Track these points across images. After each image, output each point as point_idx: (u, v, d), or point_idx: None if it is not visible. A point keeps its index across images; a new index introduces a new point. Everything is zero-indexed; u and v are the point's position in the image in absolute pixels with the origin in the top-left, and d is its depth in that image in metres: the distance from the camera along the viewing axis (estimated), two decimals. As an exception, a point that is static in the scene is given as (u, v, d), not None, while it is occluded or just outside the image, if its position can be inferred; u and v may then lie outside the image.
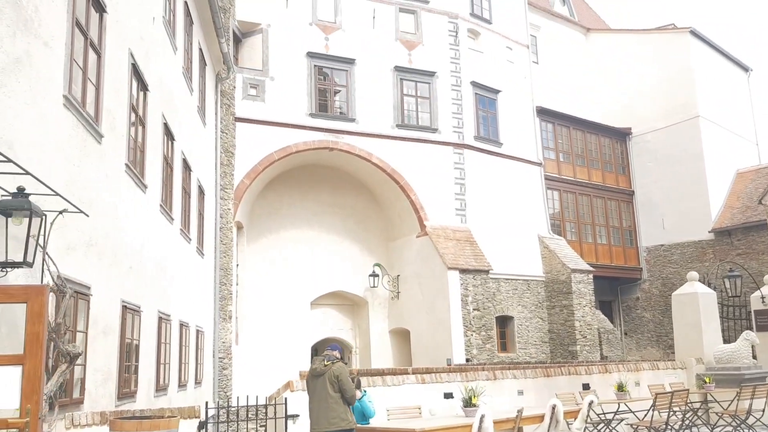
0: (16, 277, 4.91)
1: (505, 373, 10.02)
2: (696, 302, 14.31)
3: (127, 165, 8.07)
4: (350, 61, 21.20)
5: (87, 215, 5.76)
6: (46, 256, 5.20)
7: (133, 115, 8.52)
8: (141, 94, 9.01)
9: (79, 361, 6.31)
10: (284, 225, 21.56)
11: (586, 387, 11.05)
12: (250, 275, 20.35)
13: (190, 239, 13.06)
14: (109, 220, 7.26)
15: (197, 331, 13.89)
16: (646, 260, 28.18)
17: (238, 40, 20.24)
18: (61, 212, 5.18)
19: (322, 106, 20.73)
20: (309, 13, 20.93)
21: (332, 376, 7.04)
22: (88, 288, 6.52)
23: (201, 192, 14.73)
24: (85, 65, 6.53)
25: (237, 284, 19.05)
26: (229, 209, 18.03)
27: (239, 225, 19.50)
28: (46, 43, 5.47)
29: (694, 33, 28.25)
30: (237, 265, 19.03)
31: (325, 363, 7.11)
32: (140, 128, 8.95)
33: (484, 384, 9.15)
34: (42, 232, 4.81)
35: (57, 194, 5.03)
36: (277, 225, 21.46)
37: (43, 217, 5.24)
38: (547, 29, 29.30)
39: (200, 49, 15.03)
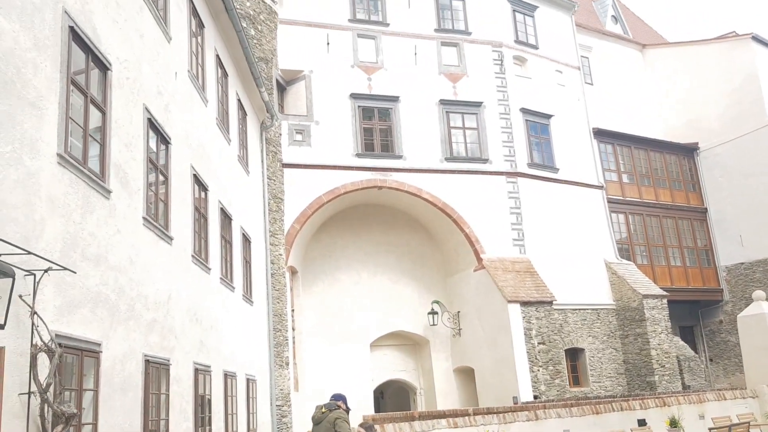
0: (2, 339, 4.86)
1: (548, 413, 9.30)
2: (764, 323, 13.15)
3: (145, 218, 8.09)
4: (394, 99, 21.17)
5: (74, 272, 5.72)
6: (35, 316, 5.15)
7: (152, 169, 8.59)
8: (162, 147, 9.10)
9: (88, 419, 6.23)
10: (339, 267, 21.45)
11: (641, 423, 10.15)
12: (306, 320, 20.26)
13: (234, 288, 13.05)
14: (122, 274, 7.24)
15: (248, 380, 13.78)
16: (726, 280, 26.47)
17: (282, 89, 20.58)
18: (46, 271, 5.14)
19: (368, 145, 20.69)
20: (350, 56, 21.11)
21: (329, 422, 7.28)
22: (98, 344, 6.46)
23: (246, 240, 14.79)
24: (86, 123, 6.59)
25: (293, 330, 18.97)
26: (281, 255, 18.08)
27: (293, 270, 19.51)
28: (32, 103, 5.52)
29: (756, 38, 26.86)
30: (292, 310, 18.99)
31: (323, 410, 7.38)
32: (162, 181, 9.01)
33: (523, 425, 8.52)
34: (23, 293, 4.75)
35: (29, 253, 4.98)
36: (332, 267, 21.37)
37: (32, 276, 5.22)
38: (599, 49, 28.57)
39: (238, 100, 15.27)
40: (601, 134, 25.30)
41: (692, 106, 28.10)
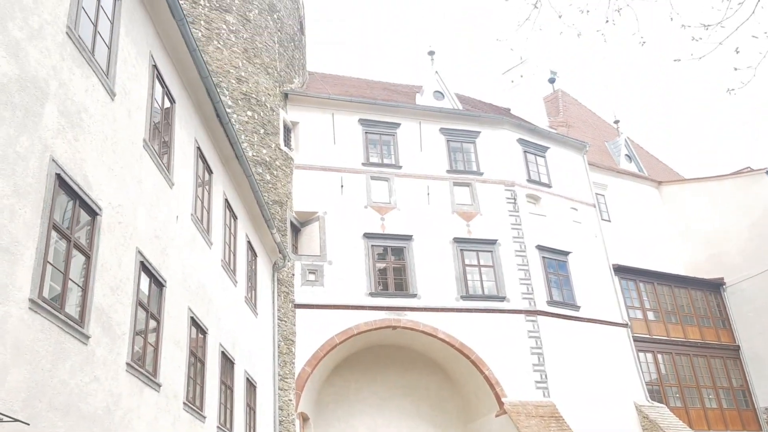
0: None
1: None
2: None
3: (130, 364, 7.84)
4: (407, 238, 21.24)
5: (27, 424, 5.41)
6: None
7: (142, 312, 8.45)
8: (156, 290, 9.02)
9: None
10: (353, 413, 20.54)
11: None
12: (318, 471, 19.13)
13: (233, 437, 12.43)
14: (97, 425, 6.88)
15: None
16: (767, 422, 24.71)
17: (296, 230, 20.83)
18: (-3, 423, 4.86)
19: (382, 284, 20.52)
20: (364, 197, 21.49)
21: None
22: (59, 504, 6.00)
23: (251, 384, 14.31)
24: (67, 267, 6.56)
25: (303, 482, 17.87)
26: (291, 400, 17.42)
27: (304, 416, 18.70)
28: (5, 249, 5.51)
29: (771, 173, 26.91)
30: (302, 460, 18.00)
31: None
32: (153, 325, 8.84)
33: None
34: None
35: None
36: (346, 413, 20.48)
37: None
38: (615, 186, 28.78)
39: (248, 242, 15.41)
40: (621, 271, 24.86)
41: (713, 240, 27.72)
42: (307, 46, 26.76)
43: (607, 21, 7.79)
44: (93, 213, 7.21)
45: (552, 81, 35.21)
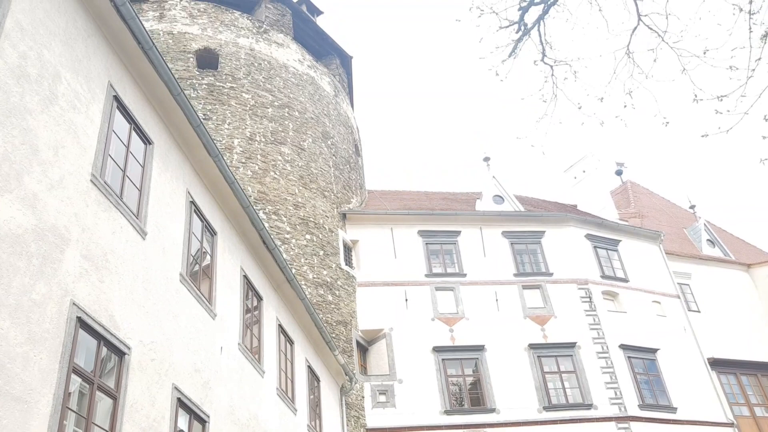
0: None
1: None
2: None
3: None
4: (479, 348, 20.42)
5: None
6: None
7: (181, 451, 8.22)
8: (196, 426, 8.81)
9: None
10: None
11: None
12: None
13: None
14: None
15: None
16: None
17: (364, 349, 20.45)
18: None
19: (457, 400, 19.58)
20: (430, 310, 21.03)
21: None
22: None
23: None
24: (89, 412, 6.47)
25: None
26: None
27: None
28: (17, 398, 5.49)
29: None
30: None
31: None
32: (195, 463, 8.57)
33: None
34: None
35: None
36: None
37: None
38: (700, 274, 27.07)
39: (309, 366, 15.13)
40: (718, 364, 22.88)
41: (821, 322, 25.32)
42: (365, 166, 27.46)
43: (625, 106, 7.53)
44: (120, 352, 7.20)
45: (619, 173, 34.47)
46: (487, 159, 26.92)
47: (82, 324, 6.59)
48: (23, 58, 6.39)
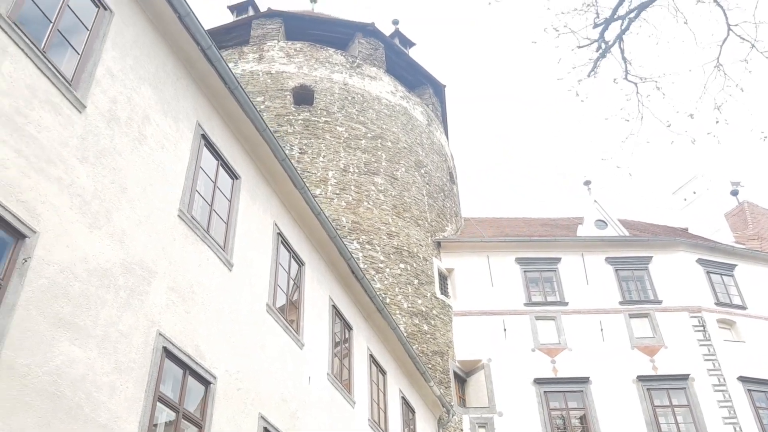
0: None
1: None
2: None
3: None
4: (584, 380, 19.51)
5: None
6: None
7: (267, 481, 8.30)
8: (284, 457, 8.89)
9: None
10: None
11: None
12: None
13: None
14: None
15: None
16: None
17: (462, 380, 20.06)
18: None
19: (560, 435, 18.75)
20: (530, 340, 20.39)
21: None
22: None
23: None
24: (174, 439, 6.67)
25: None
26: None
27: None
28: (103, 425, 5.74)
29: None
30: None
31: None
32: (282, 493, 8.63)
33: None
34: None
35: None
36: None
37: None
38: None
39: (402, 397, 15.00)
40: None
41: None
42: (460, 193, 27.28)
43: (717, 122, 7.05)
44: (205, 382, 7.41)
45: (735, 193, 32.30)
46: (587, 183, 26.02)
47: (168, 354, 6.85)
48: (113, 103, 6.82)
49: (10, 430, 4.78)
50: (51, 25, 6.19)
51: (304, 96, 22.26)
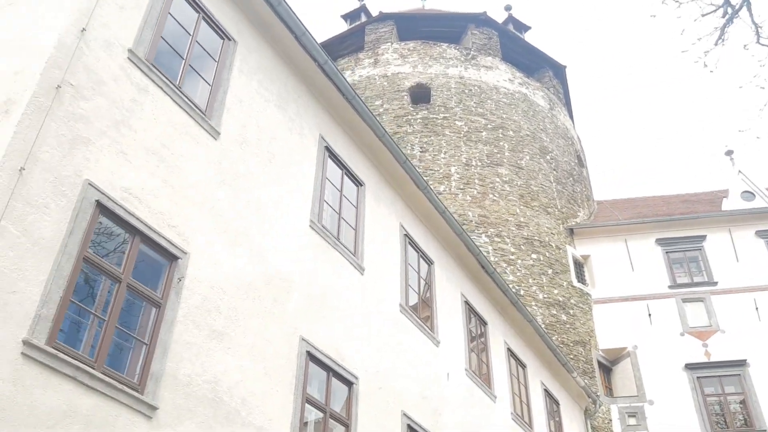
0: None
1: None
2: None
3: None
4: (741, 364, 18.24)
5: None
6: None
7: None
8: (429, 452, 9.08)
9: None
10: None
11: None
12: None
13: None
14: None
15: None
16: None
17: (607, 369, 19.40)
18: None
19: (719, 423, 17.63)
20: (678, 324, 19.33)
21: None
22: None
23: None
24: (324, 438, 7.04)
25: None
26: None
27: None
28: (259, 428, 6.19)
29: None
30: None
31: None
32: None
33: None
34: None
35: None
36: None
37: None
38: None
39: (545, 390, 14.77)
40: None
41: None
42: (591, 176, 26.36)
43: None
44: (348, 382, 7.75)
45: None
46: (729, 153, 24.21)
47: (312, 357, 7.24)
48: (243, 127, 7.32)
49: (179, 434, 5.29)
50: (183, 61, 6.74)
51: (420, 94, 22.45)
